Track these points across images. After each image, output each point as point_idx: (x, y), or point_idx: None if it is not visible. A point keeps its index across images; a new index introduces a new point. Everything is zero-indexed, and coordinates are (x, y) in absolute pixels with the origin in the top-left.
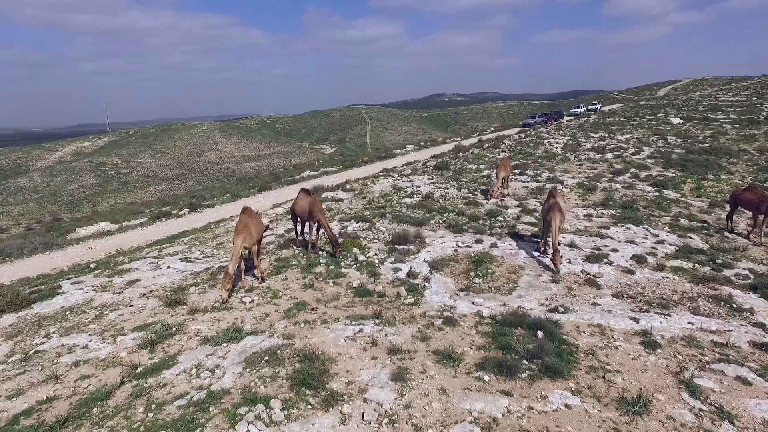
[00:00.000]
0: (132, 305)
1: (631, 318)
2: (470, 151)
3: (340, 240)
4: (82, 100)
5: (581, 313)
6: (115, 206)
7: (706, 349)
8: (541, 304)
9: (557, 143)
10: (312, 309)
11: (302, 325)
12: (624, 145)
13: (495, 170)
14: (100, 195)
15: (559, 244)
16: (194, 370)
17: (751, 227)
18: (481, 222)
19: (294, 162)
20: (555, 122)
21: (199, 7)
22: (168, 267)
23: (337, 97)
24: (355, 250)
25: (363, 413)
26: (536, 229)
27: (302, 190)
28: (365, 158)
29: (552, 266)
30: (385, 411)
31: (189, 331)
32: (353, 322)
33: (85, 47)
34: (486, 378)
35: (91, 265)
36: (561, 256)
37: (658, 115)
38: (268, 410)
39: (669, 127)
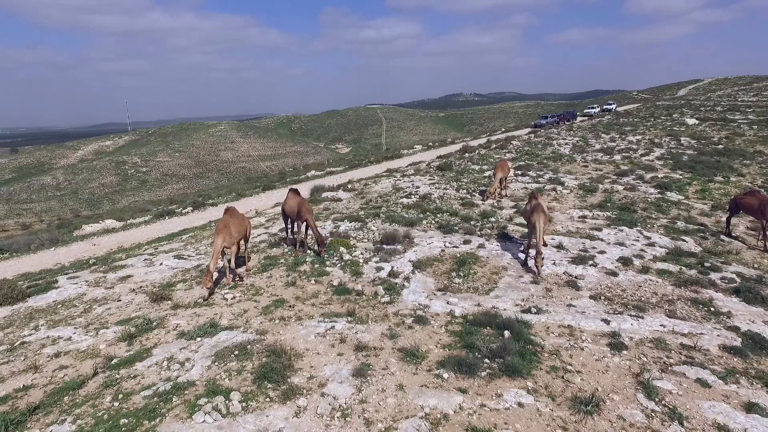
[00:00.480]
0: (120, 300)
1: (602, 320)
2: (477, 151)
3: (329, 239)
4: (104, 100)
5: (554, 314)
6: (134, 204)
7: (672, 352)
8: (516, 305)
9: (566, 144)
10: (290, 306)
11: (277, 321)
12: (634, 146)
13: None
14: (119, 193)
15: (545, 245)
16: (165, 363)
17: (753, 232)
18: (472, 223)
19: (309, 161)
20: (567, 123)
21: (220, 8)
22: (161, 264)
23: (353, 97)
24: (342, 249)
25: (317, 407)
26: (526, 230)
27: (291, 190)
28: (371, 158)
29: (534, 268)
30: (340, 405)
31: (168, 325)
32: (326, 320)
33: (108, 48)
34: (445, 375)
35: (90, 261)
36: (543, 258)
37: (674, 115)
38: (226, 402)
39: (684, 128)
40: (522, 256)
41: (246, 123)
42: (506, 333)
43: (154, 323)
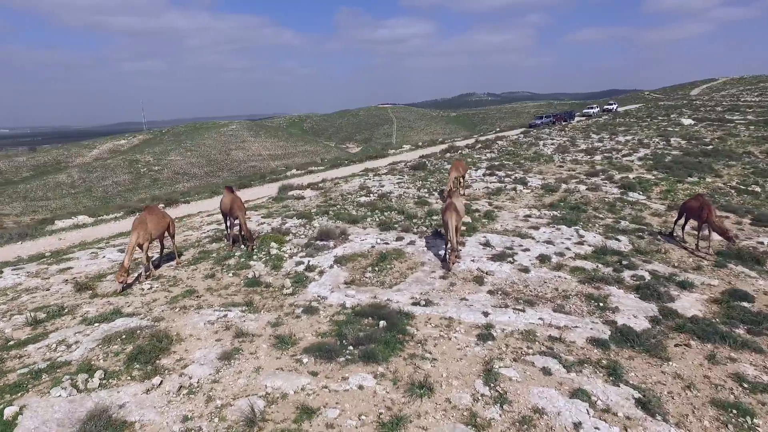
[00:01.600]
0: (49, 289)
1: (483, 313)
2: (459, 152)
3: (262, 234)
4: (121, 100)
5: (442, 307)
6: (142, 201)
7: (536, 343)
8: (411, 298)
9: (551, 144)
10: (197, 296)
11: (177, 310)
12: (620, 147)
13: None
14: (132, 191)
15: (462, 245)
16: (55, 345)
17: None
18: (415, 221)
19: (316, 160)
20: (564, 123)
21: (234, 8)
22: (104, 257)
23: (365, 96)
24: (273, 244)
25: (169, 385)
26: (463, 228)
27: (226, 188)
28: (354, 158)
29: (448, 264)
30: (191, 384)
31: (78, 312)
32: (223, 309)
33: (124, 48)
34: (305, 360)
35: (46, 254)
36: (457, 254)
37: (672, 116)
38: (88, 379)
39: (678, 128)
40: (442, 252)
41: (257, 122)
42: (382, 323)
43: (66, 310)
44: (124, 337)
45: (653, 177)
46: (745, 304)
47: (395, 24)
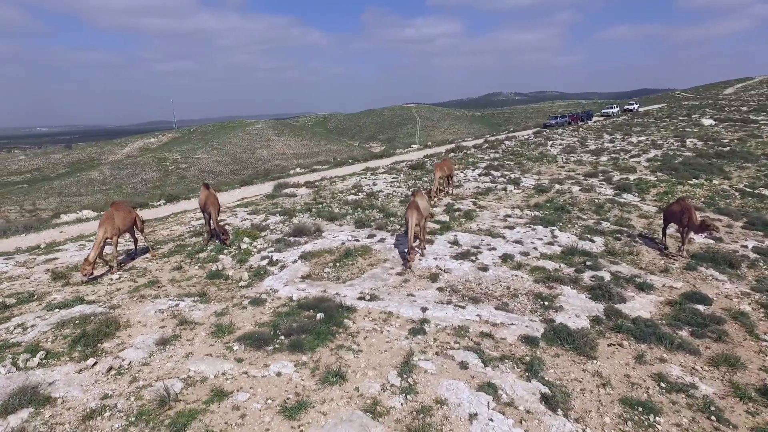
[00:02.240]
0: (29, 278)
1: (421, 308)
2: (464, 151)
3: (237, 229)
4: (154, 99)
5: (385, 302)
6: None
7: (466, 338)
8: (360, 293)
9: (560, 145)
10: (158, 287)
11: (135, 299)
12: (630, 148)
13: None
14: (160, 188)
15: (430, 242)
16: (13, 328)
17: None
18: (391, 219)
19: (339, 158)
20: (581, 123)
21: (264, 8)
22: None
23: (391, 95)
24: (246, 239)
25: (101, 366)
26: (438, 226)
27: (203, 185)
28: (359, 157)
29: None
30: (121, 366)
31: (45, 299)
32: (176, 299)
33: (158, 49)
34: (235, 348)
35: (42, 246)
36: (415, 252)
37: (693, 116)
38: (30, 358)
39: (697, 128)
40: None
41: (282, 121)
42: (319, 315)
43: (35, 297)
44: (77, 322)
45: (655, 179)
46: (700, 306)
47: (422, 23)
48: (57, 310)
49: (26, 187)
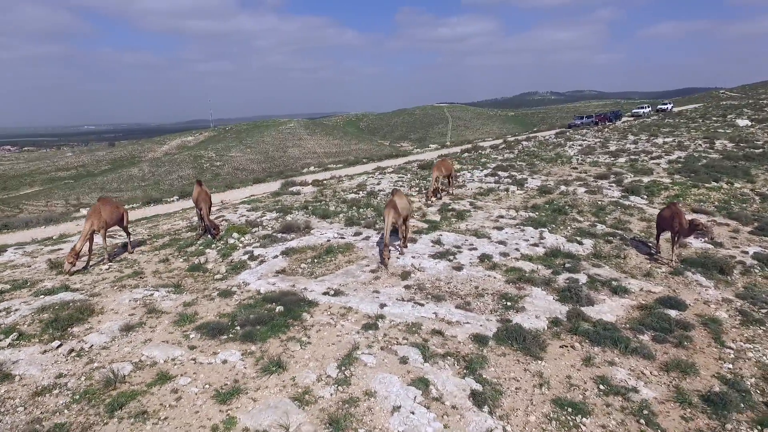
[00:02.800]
0: (30, 266)
1: (380, 305)
2: (480, 152)
3: (231, 225)
4: (194, 98)
5: (348, 297)
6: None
7: (416, 335)
8: (328, 288)
9: (579, 146)
10: (140, 277)
11: (116, 288)
12: (652, 149)
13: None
14: (194, 185)
15: (410, 242)
16: None
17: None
18: (381, 217)
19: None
20: (609, 123)
21: (300, 9)
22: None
23: (424, 95)
24: (235, 234)
25: (64, 348)
26: (426, 226)
27: (197, 182)
28: (374, 156)
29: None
30: (82, 348)
31: (36, 286)
32: (152, 289)
33: (198, 50)
34: (191, 336)
35: (54, 237)
36: (389, 250)
37: (729, 116)
38: (2, 339)
39: (731, 129)
40: (390, 247)
41: (314, 121)
42: (279, 308)
43: (28, 284)
44: (57, 307)
45: (670, 181)
46: (672, 312)
47: (456, 22)
48: (42, 296)
49: (72, 183)
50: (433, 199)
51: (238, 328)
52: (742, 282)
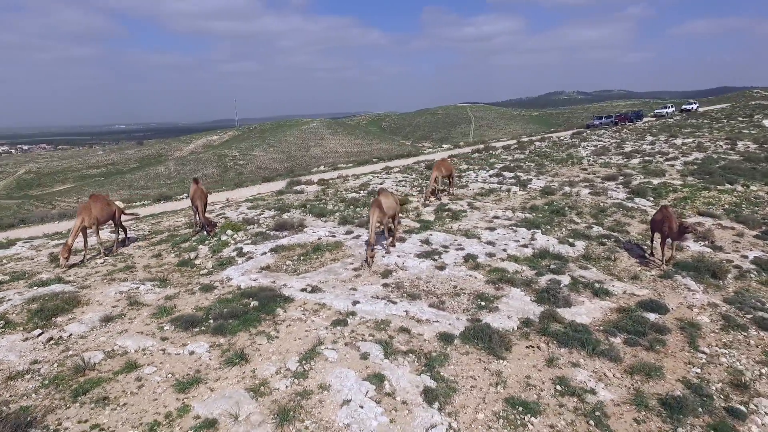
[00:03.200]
0: (33, 259)
1: (352, 302)
2: (490, 152)
3: (228, 222)
4: (220, 98)
5: (324, 294)
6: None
7: (383, 332)
8: (307, 285)
9: (593, 146)
10: (131, 271)
11: (106, 281)
12: (669, 150)
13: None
14: (218, 183)
15: (399, 242)
16: None
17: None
18: None
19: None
20: (629, 124)
21: (325, 10)
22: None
23: (448, 95)
24: (229, 231)
25: (44, 336)
26: (418, 225)
27: (193, 180)
28: (385, 156)
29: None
30: (61, 337)
31: (33, 278)
32: (139, 282)
33: (224, 50)
34: (166, 328)
35: (63, 232)
36: (373, 249)
37: (756, 117)
38: None
39: (756, 130)
40: (378, 246)
41: (337, 121)
42: (253, 303)
43: (26, 276)
44: (46, 298)
45: (681, 183)
46: (651, 315)
47: (482, 21)
48: (36, 287)
49: (102, 180)
50: (432, 199)
51: (212, 321)
52: (735, 286)
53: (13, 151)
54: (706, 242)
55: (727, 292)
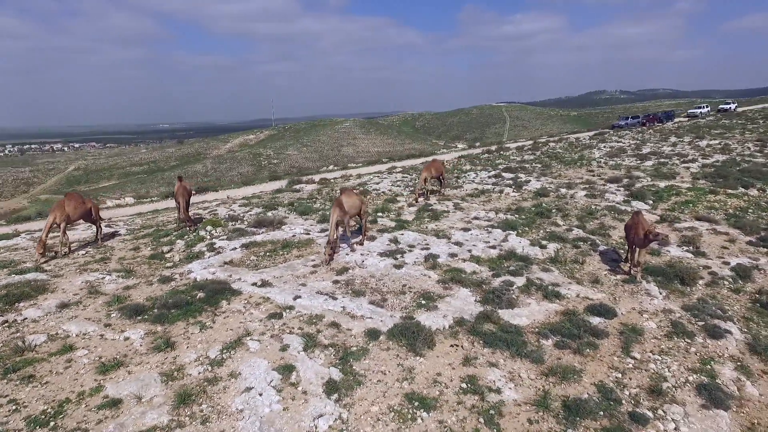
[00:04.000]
0: (27, 250)
1: (293, 296)
2: (501, 152)
3: (210, 218)
4: (259, 98)
5: (272, 289)
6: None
7: (312, 326)
8: (259, 279)
9: (609, 147)
10: (105, 262)
11: (78, 271)
12: (690, 152)
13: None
14: (252, 182)
15: (368, 240)
16: None
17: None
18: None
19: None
20: (659, 124)
21: (362, 10)
22: (91, 230)
23: (485, 94)
24: (209, 227)
25: (5, 320)
26: (393, 224)
27: (178, 177)
28: (395, 157)
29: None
30: (15, 320)
31: (16, 266)
32: (106, 273)
33: (265, 52)
34: (113, 315)
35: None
36: (332, 246)
37: None
38: None
39: None
40: (344, 245)
41: (370, 120)
42: (199, 295)
43: (11, 264)
44: (18, 285)
45: (688, 186)
46: (595, 319)
47: (522, 19)
48: (13, 275)
49: (144, 177)
50: (420, 199)
51: (155, 310)
52: (702, 293)
53: (65, 149)
54: (691, 247)
55: (690, 298)
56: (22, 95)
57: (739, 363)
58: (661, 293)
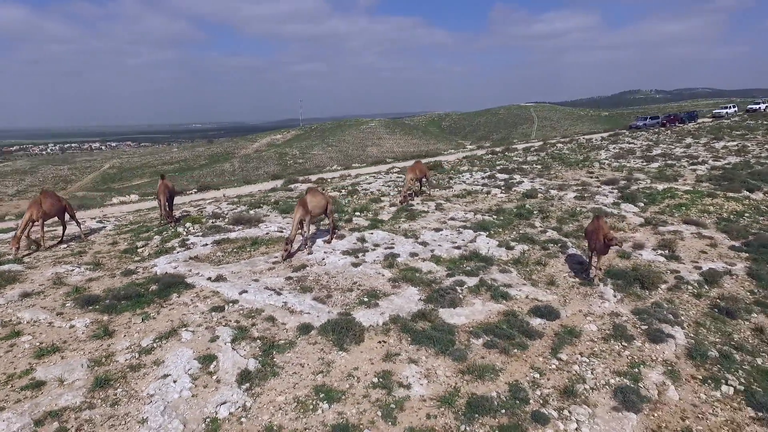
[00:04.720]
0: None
1: (240, 291)
2: (506, 153)
3: (189, 216)
4: (288, 98)
5: (224, 284)
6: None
7: (249, 319)
8: (216, 274)
9: (618, 148)
10: (80, 255)
11: (51, 262)
12: (702, 154)
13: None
14: (254, 181)
15: (337, 239)
16: None
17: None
18: (340, 214)
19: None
20: (680, 125)
21: (391, 11)
22: (88, 225)
23: (515, 93)
24: (188, 224)
25: None
26: (367, 224)
27: (160, 176)
28: (400, 157)
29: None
30: None
31: (2, 259)
32: (76, 265)
33: (294, 52)
34: (68, 305)
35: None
36: (290, 244)
37: None
38: None
39: None
40: (309, 243)
41: (396, 120)
42: (152, 287)
43: None
44: None
45: (687, 189)
46: (535, 320)
47: (553, 17)
48: None
49: (175, 175)
50: (409, 200)
51: (107, 301)
52: (660, 297)
53: (102, 147)
54: (666, 251)
55: (645, 302)
56: (66, 96)
57: (670, 367)
58: (615, 296)
